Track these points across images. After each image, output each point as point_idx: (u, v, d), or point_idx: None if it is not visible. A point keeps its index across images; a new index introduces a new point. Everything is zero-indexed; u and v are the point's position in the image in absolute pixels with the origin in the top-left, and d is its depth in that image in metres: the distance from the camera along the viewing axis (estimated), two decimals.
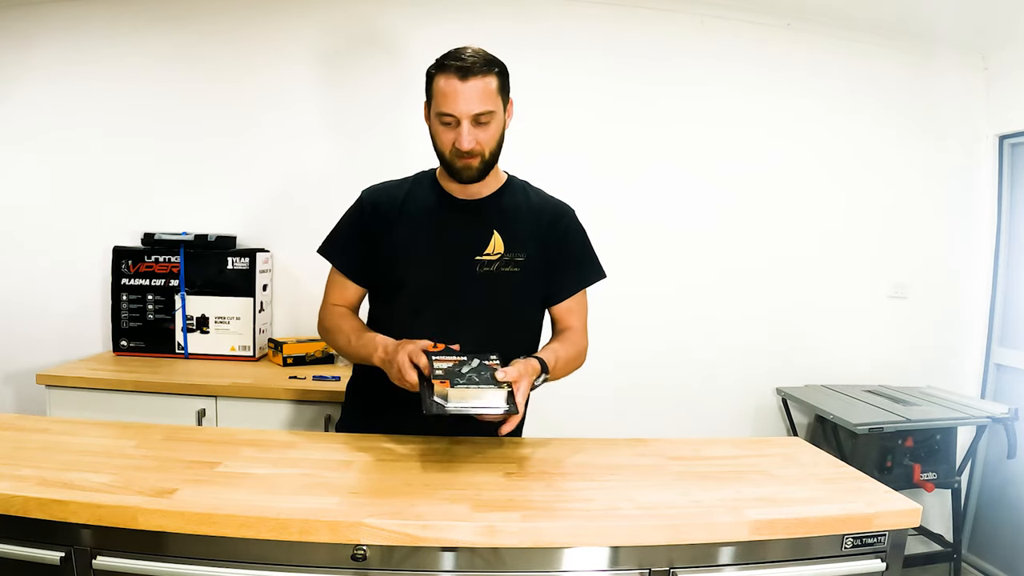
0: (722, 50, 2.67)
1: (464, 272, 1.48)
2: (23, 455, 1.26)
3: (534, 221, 1.53)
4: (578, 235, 1.59)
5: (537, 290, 1.55)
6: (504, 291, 1.50)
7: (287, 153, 2.55)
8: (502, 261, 1.49)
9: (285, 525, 1.05)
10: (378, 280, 1.56)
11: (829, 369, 2.82)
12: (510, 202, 1.54)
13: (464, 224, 1.51)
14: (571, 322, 1.60)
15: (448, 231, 1.50)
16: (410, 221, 1.51)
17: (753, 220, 2.74)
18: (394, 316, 1.52)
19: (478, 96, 1.38)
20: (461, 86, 1.37)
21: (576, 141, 2.63)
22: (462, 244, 1.49)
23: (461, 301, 1.49)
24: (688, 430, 2.68)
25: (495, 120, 1.42)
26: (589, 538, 1.10)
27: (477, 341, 1.39)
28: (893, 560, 1.18)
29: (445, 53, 1.42)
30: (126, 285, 2.41)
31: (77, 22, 2.46)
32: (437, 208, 1.52)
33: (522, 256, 1.50)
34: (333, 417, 2.05)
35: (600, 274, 1.62)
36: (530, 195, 1.58)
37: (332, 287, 1.60)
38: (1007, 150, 2.82)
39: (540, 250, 1.52)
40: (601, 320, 2.69)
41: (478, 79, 1.37)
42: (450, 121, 1.40)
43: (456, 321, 1.47)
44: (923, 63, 2.78)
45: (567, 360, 1.51)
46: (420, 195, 1.53)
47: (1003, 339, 2.87)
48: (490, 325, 1.49)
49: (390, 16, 2.52)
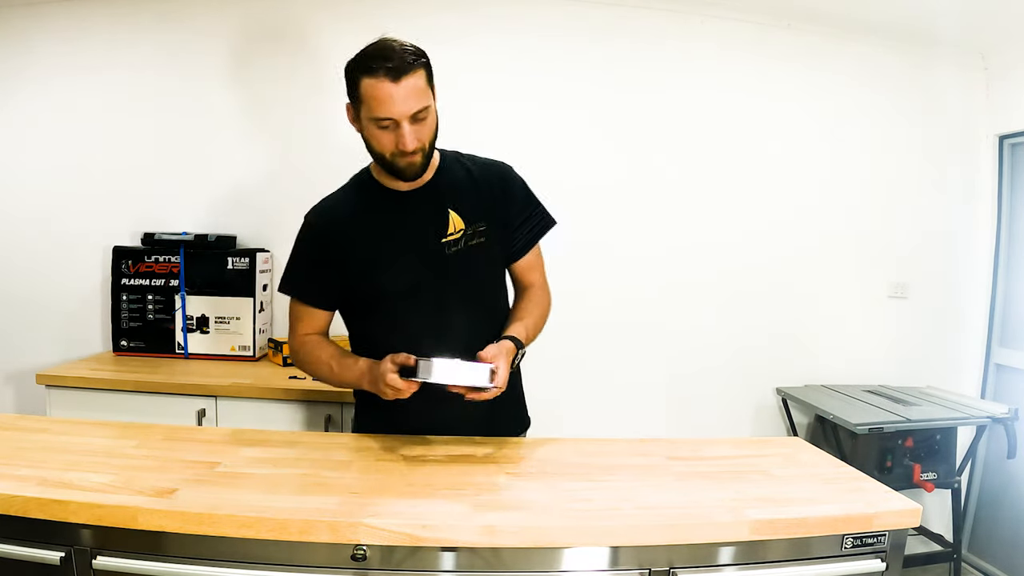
0: (722, 50, 2.67)
1: (436, 258, 1.47)
2: (23, 455, 1.26)
3: (480, 189, 1.53)
4: (522, 190, 1.58)
5: (501, 254, 1.57)
6: (477, 264, 1.51)
7: (287, 153, 2.55)
8: (466, 236, 1.49)
9: (285, 525, 1.05)
10: (352, 297, 1.53)
11: (829, 369, 2.82)
12: (453, 177, 1.53)
13: (419, 213, 1.49)
14: (532, 278, 1.62)
15: (408, 225, 1.48)
16: (368, 229, 1.48)
17: (753, 220, 2.74)
18: (381, 325, 1.50)
19: (414, 95, 1.34)
20: (394, 88, 1.31)
21: (574, 141, 2.63)
22: (425, 233, 1.48)
23: (442, 287, 1.48)
24: (688, 430, 2.68)
25: (430, 113, 1.40)
26: (589, 538, 1.10)
27: (462, 325, 1.45)
28: (893, 560, 1.18)
29: (366, 51, 1.35)
30: (126, 285, 2.41)
31: (77, 22, 2.46)
32: (389, 207, 1.49)
33: (484, 225, 1.50)
34: (333, 417, 2.05)
35: (551, 221, 1.61)
36: (467, 165, 1.56)
37: (300, 318, 1.54)
38: (1007, 150, 2.82)
39: (494, 215, 1.52)
40: (601, 320, 2.73)
41: (409, 78, 1.32)
42: (388, 124, 1.35)
43: (439, 313, 1.48)
44: (923, 63, 2.78)
45: (536, 326, 1.55)
46: (368, 200, 1.50)
47: (1003, 339, 2.87)
48: (474, 300, 1.52)
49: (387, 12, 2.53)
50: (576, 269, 2.60)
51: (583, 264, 2.62)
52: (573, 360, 2.67)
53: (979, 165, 2.85)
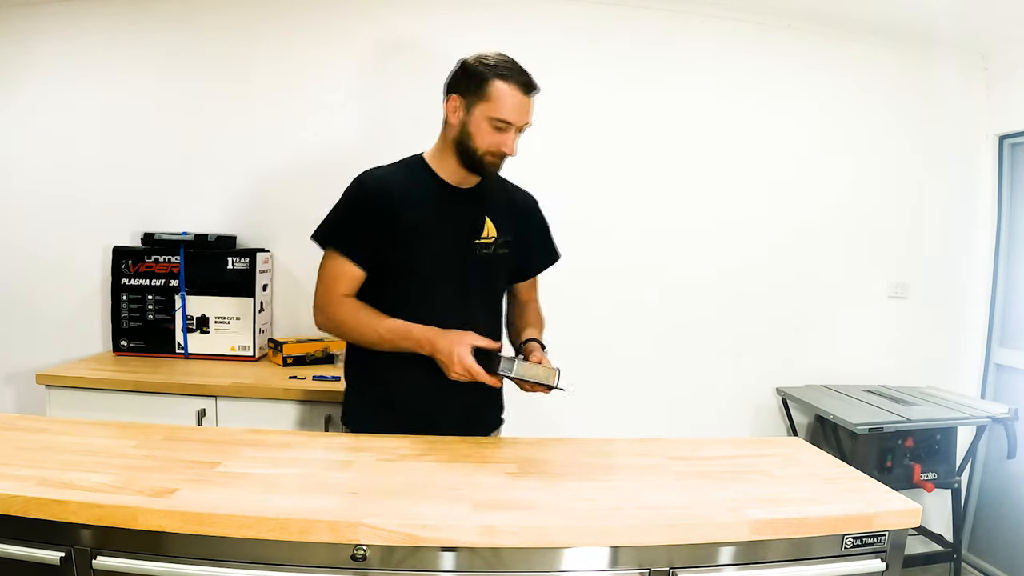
0: (722, 50, 2.67)
1: (467, 255, 1.59)
2: (23, 455, 1.26)
3: (513, 209, 1.69)
4: (544, 222, 1.78)
5: (515, 270, 1.73)
6: (497, 272, 1.66)
7: (288, 153, 2.55)
8: (496, 244, 1.63)
9: (285, 525, 1.05)
10: (385, 264, 1.55)
11: (829, 369, 2.82)
12: (494, 191, 1.66)
13: (461, 210, 1.60)
14: (532, 295, 1.81)
15: (449, 216, 1.58)
16: (413, 206, 1.55)
17: (753, 220, 2.74)
18: (406, 299, 1.55)
19: (529, 111, 1.53)
20: (524, 100, 1.50)
21: (572, 141, 2.63)
22: (462, 228, 1.59)
23: (467, 282, 1.59)
24: (688, 430, 2.68)
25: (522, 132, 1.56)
26: (589, 538, 1.10)
27: (481, 318, 1.58)
28: (893, 560, 1.19)
29: (499, 60, 1.50)
30: (126, 285, 2.40)
31: (77, 22, 2.46)
32: (437, 194, 1.59)
33: (511, 240, 1.65)
34: (333, 417, 2.05)
35: (557, 256, 1.81)
36: (506, 186, 1.72)
37: (339, 277, 1.55)
38: (1007, 150, 2.82)
39: (519, 235, 1.68)
40: (601, 321, 2.72)
41: (533, 96, 1.52)
42: (503, 127, 1.50)
43: (464, 300, 1.58)
44: (923, 63, 2.78)
45: (542, 334, 1.73)
46: (418, 181, 1.59)
47: (1003, 339, 2.87)
48: (488, 303, 1.66)
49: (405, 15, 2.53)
50: (576, 269, 2.58)
51: (583, 264, 2.61)
52: (573, 360, 2.65)
53: (979, 165, 2.85)
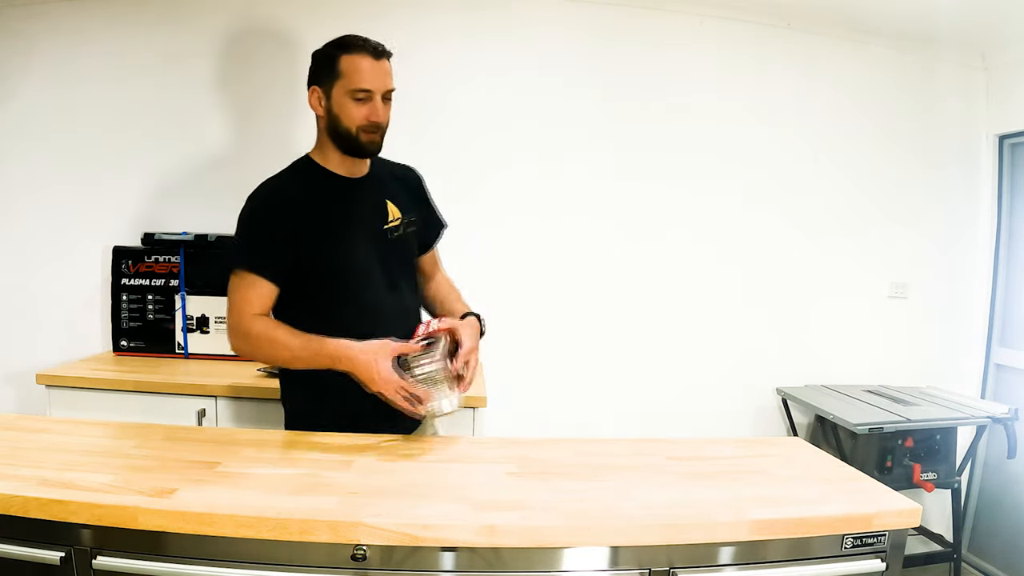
0: (721, 50, 2.67)
1: (381, 242, 1.60)
2: (23, 455, 1.26)
3: (405, 185, 1.71)
4: (427, 192, 1.78)
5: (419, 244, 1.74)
6: (411, 251, 1.69)
7: (288, 154, 2.54)
8: (404, 224, 1.64)
9: (285, 525, 1.05)
10: (306, 273, 1.52)
11: (829, 369, 2.82)
12: (382, 174, 1.67)
13: (363, 199, 1.61)
14: (438, 266, 1.83)
15: (354, 209, 1.58)
16: (318, 208, 1.54)
17: (753, 220, 2.74)
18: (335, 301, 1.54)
19: (388, 75, 1.53)
20: (376, 64, 1.50)
21: (571, 141, 2.62)
22: (370, 217, 1.60)
23: (390, 269, 1.60)
24: (688, 430, 2.68)
25: (390, 100, 1.56)
26: (589, 538, 1.10)
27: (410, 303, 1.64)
28: (893, 560, 1.18)
29: (342, 38, 1.52)
30: (126, 285, 2.40)
31: (77, 22, 2.46)
32: (336, 189, 1.58)
33: (414, 216, 1.68)
34: None
35: (444, 224, 1.81)
36: (388, 166, 1.72)
37: (250, 297, 1.50)
38: (1007, 150, 2.82)
39: (417, 211, 1.70)
40: (601, 321, 2.72)
41: (386, 61, 1.53)
42: (363, 97, 1.49)
43: (392, 287, 1.59)
44: (923, 63, 2.77)
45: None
46: (313, 182, 1.58)
47: (1003, 339, 2.87)
48: (412, 285, 1.68)
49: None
50: (576, 269, 2.60)
51: (583, 264, 2.62)
52: (573, 360, 2.67)
53: (979, 165, 2.85)
